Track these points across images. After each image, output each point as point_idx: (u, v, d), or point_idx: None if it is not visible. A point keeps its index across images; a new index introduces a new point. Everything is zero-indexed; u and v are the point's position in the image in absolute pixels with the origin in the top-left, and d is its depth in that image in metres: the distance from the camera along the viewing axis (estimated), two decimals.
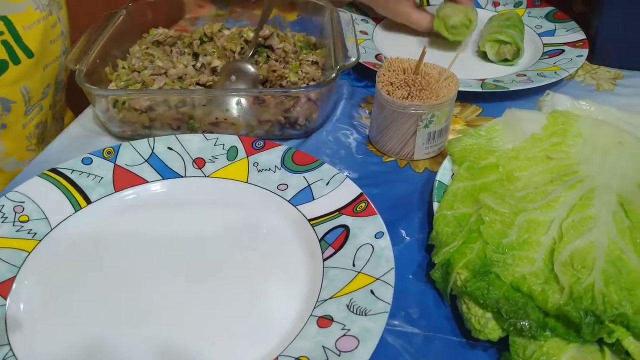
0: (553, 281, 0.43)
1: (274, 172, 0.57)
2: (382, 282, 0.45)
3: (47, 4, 0.67)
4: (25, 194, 0.53)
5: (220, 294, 0.47)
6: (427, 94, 0.57)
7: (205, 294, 0.46)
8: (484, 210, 0.47)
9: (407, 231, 0.54)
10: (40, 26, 0.66)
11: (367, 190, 0.54)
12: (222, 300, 0.46)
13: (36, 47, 0.66)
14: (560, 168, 0.53)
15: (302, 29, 0.80)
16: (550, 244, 0.46)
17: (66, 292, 0.47)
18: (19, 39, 0.64)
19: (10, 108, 0.65)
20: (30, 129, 0.69)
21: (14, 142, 0.67)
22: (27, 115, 0.68)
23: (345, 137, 0.66)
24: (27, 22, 0.64)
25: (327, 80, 0.61)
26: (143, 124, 0.63)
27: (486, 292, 0.43)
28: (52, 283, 0.47)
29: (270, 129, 0.64)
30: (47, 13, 0.67)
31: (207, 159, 0.58)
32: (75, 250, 0.50)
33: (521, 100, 0.72)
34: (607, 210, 0.47)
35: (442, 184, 0.54)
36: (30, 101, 0.67)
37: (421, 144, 0.60)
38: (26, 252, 0.49)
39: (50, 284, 0.47)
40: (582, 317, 0.40)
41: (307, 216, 0.52)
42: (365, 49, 0.79)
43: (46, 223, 0.51)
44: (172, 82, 0.67)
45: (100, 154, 0.58)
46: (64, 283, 0.47)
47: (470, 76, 0.74)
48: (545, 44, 0.83)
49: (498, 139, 0.57)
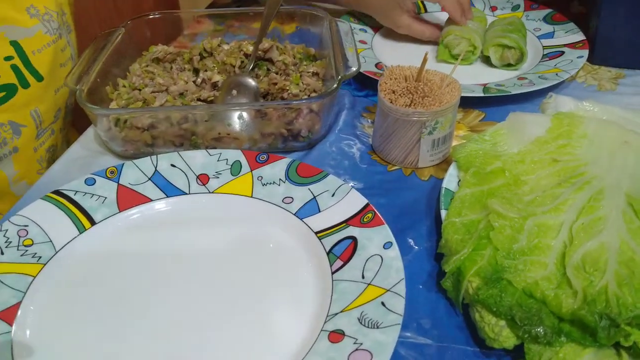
0: (566, 285, 0.43)
1: (279, 185, 0.56)
2: (393, 293, 0.44)
3: (57, 28, 0.68)
4: (28, 218, 0.53)
5: (229, 311, 0.46)
6: (430, 100, 0.57)
7: (214, 312, 0.46)
8: (492, 216, 0.47)
9: (415, 240, 0.53)
10: (50, 50, 0.67)
11: (373, 200, 0.53)
12: (232, 317, 0.46)
13: (46, 71, 0.66)
14: (567, 170, 0.52)
15: (301, 40, 0.80)
16: (561, 248, 0.45)
17: (73, 315, 0.46)
18: (29, 63, 0.64)
19: (20, 132, 0.65)
20: (42, 152, 0.69)
21: (25, 166, 0.67)
22: (39, 138, 0.68)
23: (348, 147, 0.65)
24: (37, 46, 0.65)
25: (329, 91, 0.61)
26: (145, 142, 0.63)
27: (499, 299, 0.42)
28: (58, 307, 0.47)
29: (273, 142, 0.64)
30: (57, 36, 0.67)
31: (211, 175, 0.58)
32: (80, 272, 0.50)
33: (524, 104, 0.71)
34: (616, 211, 0.47)
35: (448, 190, 0.53)
36: (41, 124, 0.67)
37: (425, 151, 0.60)
38: (31, 277, 0.48)
39: (56, 309, 0.47)
40: (597, 321, 0.40)
41: (314, 229, 0.52)
42: (365, 58, 0.79)
43: (51, 246, 0.51)
44: (173, 98, 0.66)
45: (104, 174, 0.57)
46: (71, 307, 0.47)
47: (472, 81, 0.74)
48: (545, 46, 0.83)
49: (503, 143, 0.56)
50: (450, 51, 0.82)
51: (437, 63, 0.82)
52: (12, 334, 0.44)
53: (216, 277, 0.49)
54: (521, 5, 0.93)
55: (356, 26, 0.89)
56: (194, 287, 0.48)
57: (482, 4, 0.94)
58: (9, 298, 0.46)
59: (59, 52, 0.69)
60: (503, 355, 0.43)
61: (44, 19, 0.66)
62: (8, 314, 0.45)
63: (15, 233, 0.51)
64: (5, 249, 0.50)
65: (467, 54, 0.81)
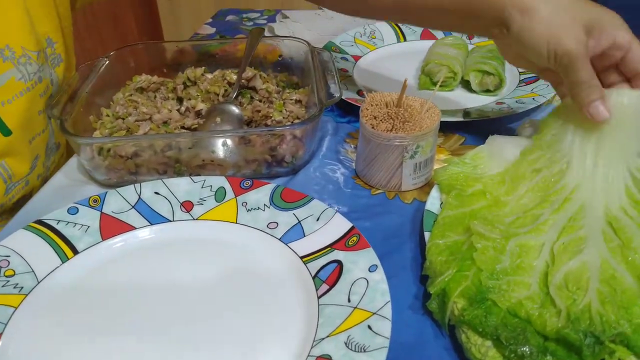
0: (550, 304, 0.43)
1: (263, 210, 0.57)
2: (379, 316, 0.44)
3: (35, 72, 0.62)
4: (10, 248, 0.52)
5: (215, 339, 0.45)
6: (410, 125, 0.58)
7: (199, 340, 0.45)
8: (475, 238, 0.48)
9: (400, 263, 0.53)
10: (23, 99, 0.61)
11: (358, 223, 0.54)
12: (219, 345, 0.45)
13: (17, 124, 0.61)
14: (547, 181, 0.53)
15: (283, 69, 0.82)
16: (544, 267, 0.46)
17: (55, 347, 0.45)
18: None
19: None
20: (7, 207, 0.63)
21: None
22: (8, 193, 0.62)
23: (332, 172, 0.66)
24: (7, 96, 0.59)
25: (312, 117, 0.62)
26: (129, 170, 0.63)
27: (484, 319, 0.42)
28: (40, 339, 0.46)
29: (258, 168, 0.64)
30: (34, 82, 0.62)
31: (195, 202, 0.58)
32: (63, 303, 0.49)
33: (502, 127, 0.73)
34: (596, 230, 0.48)
35: (431, 212, 0.54)
36: (11, 178, 0.61)
37: (408, 174, 0.61)
38: (12, 308, 0.47)
39: (38, 340, 0.46)
40: (582, 339, 0.40)
41: (299, 253, 0.52)
42: (346, 85, 0.81)
43: (33, 276, 0.50)
44: (157, 127, 0.67)
45: (87, 203, 0.57)
46: (53, 338, 0.46)
47: (452, 106, 0.76)
48: (520, 72, 0.85)
49: (483, 166, 0.57)
50: (431, 79, 0.84)
51: (419, 91, 0.84)
52: None
53: (201, 304, 0.48)
54: None
55: (337, 55, 0.90)
56: (179, 316, 0.47)
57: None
58: None
59: (37, 99, 0.63)
60: None
61: (19, 63, 0.60)
62: None
63: None
64: None
65: (447, 80, 0.83)
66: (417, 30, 0.98)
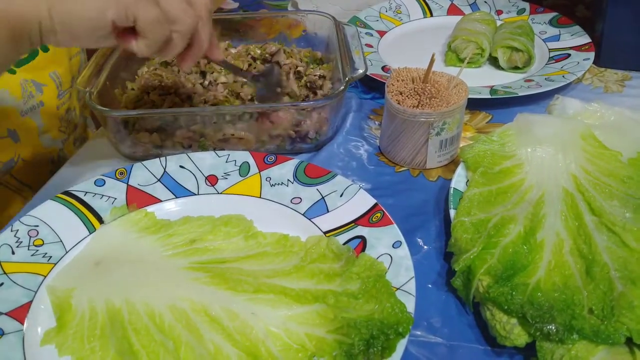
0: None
1: (287, 186, 0.56)
2: (403, 291, 0.44)
3: None
4: (39, 218, 0.53)
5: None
6: (437, 101, 0.57)
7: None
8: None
9: (424, 240, 0.53)
10: None
11: (381, 200, 0.53)
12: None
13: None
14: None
15: (307, 44, 0.81)
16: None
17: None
18: None
19: (42, 90, 0.70)
20: (62, 112, 0.74)
21: (50, 121, 0.72)
22: (60, 98, 0.73)
23: (356, 148, 0.66)
24: None
25: (336, 92, 0.61)
26: (154, 144, 0.63)
27: (510, 297, 0.42)
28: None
29: (281, 143, 0.64)
30: None
31: (219, 176, 0.58)
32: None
33: (530, 106, 0.72)
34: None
35: (457, 191, 0.53)
36: (61, 86, 0.72)
37: (433, 152, 0.60)
38: (42, 277, 0.48)
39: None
40: None
41: (323, 229, 0.52)
42: (371, 61, 0.80)
43: (61, 246, 0.51)
44: (181, 101, 0.67)
45: (113, 175, 0.58)
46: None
47: (479, 83, 0.74)
48: (551, 49, 0.83)
49: (511, 144, 0.56)
50: (458, 55, 0.82)
51: (446, 68, 0.82)
52: (24, 331, 0.44)
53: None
54: (527, 9, 0.93)
55: (362, 30, 0.89)
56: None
57: (488, 7, 0.95)
58: (20, 297, 0.46)
59: None
60: (514, 353, 0.43)
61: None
62: (19, 312, 0.45)
63: (26, 233, 0.51)
64: (16, 248, 0.50)
65: (475, 57, 0.81)
66: (444, 5, 0.96)
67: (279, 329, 0.43)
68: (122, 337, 0.43)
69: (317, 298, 0.45)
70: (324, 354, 0.41)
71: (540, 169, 0.54)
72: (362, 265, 0.46)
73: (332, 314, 0.43)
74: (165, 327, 0.44)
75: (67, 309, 0.46)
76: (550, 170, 0.53)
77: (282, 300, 0.45)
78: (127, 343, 0.43)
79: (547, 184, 0.52)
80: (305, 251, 0.49)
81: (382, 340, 0.40)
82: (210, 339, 0.43)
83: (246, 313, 0.44)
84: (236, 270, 0.48)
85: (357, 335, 0.41)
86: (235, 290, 0.46)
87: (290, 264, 0.48)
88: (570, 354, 0.39)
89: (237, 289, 0.46)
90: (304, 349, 0.42)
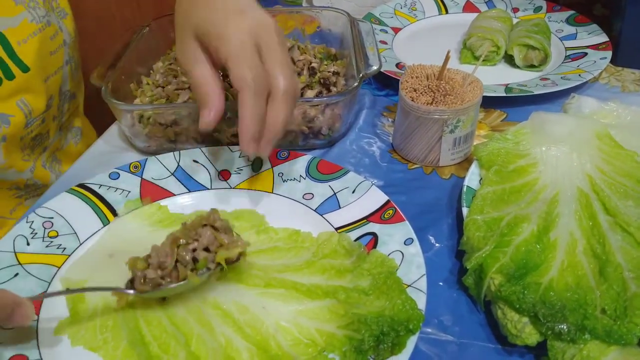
0: None
1: (299, 181, 0.57)
2: (414, 288, 0.44)
3: (43, 15, 0.66)
4: (54, 210, 0.53)
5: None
6: (451, 99, 0.57)
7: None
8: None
9: (436, 238, 0.53)
10: (36, 39, 0.65)
11: (394, 197, 0.53)
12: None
13: (32, 61, 0.65)
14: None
15: (322, 40, 0.81)
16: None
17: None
18: (14, 54, 0.62)
19: (9, 122, 0.64)
20: (27, 140, 0.68)
21: (11, 154, 0.67)
22: (28, 127, 0.67)
23: (369, 145, 0.65)
24: (22, 35, 0.64)
25: (350, 89, 0.61)
26: (168, 138, 0.63)
27: (522, 296, 0.42)
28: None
29: (294, 139, 0.64)
30: (44, 24, 0.66)
31: (232, 171, 0.58)
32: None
33: (545, 105, 0.71)
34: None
35: (470, 189, 0.53)
36: (31, 114, 0.66)
37: (447, 149, 0.60)
38: (56, 268, 0.49)
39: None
40: None
41: (334, 224, 0.52)
42: (385, 58, 0.79)
43: (75, 238, 0.52)
44: None
45: (127, 169, 0.58)
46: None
47: (494, 81, 0.74)
48: (567, 47, 0.82)
49: (526, 143, 0.56)
50: (473, 53, 0.81)
51: (461, 65, 0.81)
52: (38, 322, 0.44)
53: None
54: (543, 7, 0.92)
55: (377, 27, 0.89)
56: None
57: (504, 4, 0.94)
58: (34, 287, 0.47)
59: (47, 41, 0.67)
60: (525, 352, 0.43)
61: (29, 6, 0.64)
62: (34, 303, 0.45)
63: (41, 225, 0.52)
64: (31, 240, 0.51)
65: (490, 54, 0.80)
66: (459, 3, 0.96)
67: (289, 324, 0.43)
68: (134, 328, 0.43)
69: (328, 293, 0.45)
70: (334, 349, 0.41)
71: (554, 168, 0.53)
72: (373, 262, 0.46)
73: (342, 310, 0.43)
74: (177, 319, 0.44)
75: (81, 300, 0.46)
76: (564, 170, 0.53)
77: (292, 295, 0.45)
78: (139, 334, 0.43)
79: (562, 183, 0.52)
80: (317, 247, 0.49)
81: (392, 336, 0.40)
82: (221, 332, 0.43)
83: (257, 307, 0.45)
84: (247, 264, 0.48)
85: (367, 331, 0.41)
86: (246, 284, 0.47)
87: (301, 259, 0.49)
88: (581, 354, 0.39)
89: (248, 283, 0.47)
90: (314, 343, 0.42)
